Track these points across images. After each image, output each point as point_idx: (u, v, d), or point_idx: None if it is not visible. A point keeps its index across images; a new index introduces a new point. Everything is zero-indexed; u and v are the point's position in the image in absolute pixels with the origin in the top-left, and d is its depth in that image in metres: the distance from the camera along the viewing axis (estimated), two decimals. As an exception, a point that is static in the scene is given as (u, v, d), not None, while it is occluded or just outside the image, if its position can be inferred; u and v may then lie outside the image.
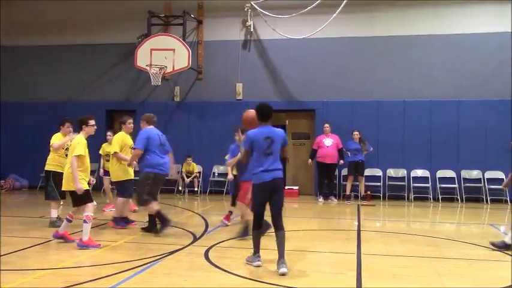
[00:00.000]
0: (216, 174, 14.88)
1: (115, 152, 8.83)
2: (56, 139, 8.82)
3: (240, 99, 14.93)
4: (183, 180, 14.52)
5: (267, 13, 14.18)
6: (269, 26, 14.29)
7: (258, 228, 6.07)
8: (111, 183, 9.82)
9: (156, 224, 8.24)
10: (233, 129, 8.39)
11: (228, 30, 15.11)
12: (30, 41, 16.07)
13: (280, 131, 6.16)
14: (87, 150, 7.26)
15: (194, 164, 14.72)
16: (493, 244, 7.42)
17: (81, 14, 15.81)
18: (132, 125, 9.19)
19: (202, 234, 8.30)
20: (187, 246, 7.35)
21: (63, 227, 7.40)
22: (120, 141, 8.91)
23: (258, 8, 14.30)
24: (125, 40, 15.11)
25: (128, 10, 15.35)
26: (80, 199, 7.17)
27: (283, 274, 5.69)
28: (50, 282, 5.42)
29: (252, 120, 6.41)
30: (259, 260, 6.07)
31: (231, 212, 9.23)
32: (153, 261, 6.37)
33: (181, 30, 14.49)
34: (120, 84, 15.50)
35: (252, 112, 6.50)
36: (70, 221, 7.33)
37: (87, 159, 7.31)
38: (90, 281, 5.42)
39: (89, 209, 7.17)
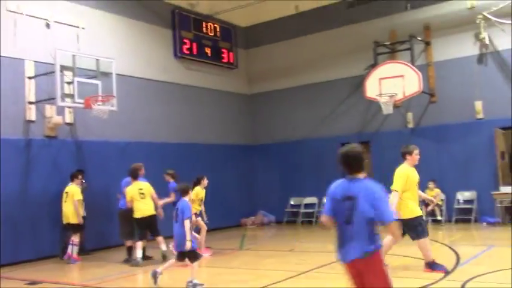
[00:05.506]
0: (461, 201, 13.87)
1: None
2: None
3: (481, 118, 13.77)
4: (426, 207, 13.63)
5: (504, 21, 12.95)
6: (508, 35, 13.02)
7: None
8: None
9: None
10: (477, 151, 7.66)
11: (460, 47, 14.17)
12: (266, 87, 17.54)
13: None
14: None
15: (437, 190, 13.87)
16: None
17: (309, 55, 16.67)
18: (418, 156, 8.02)
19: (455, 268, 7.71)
20: (439, 280, 6.90)
21: None
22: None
23: (492, 17, 13.15)
24: (353, 73, 15.44)
25: (352, 44, 15.69)
26: None
27: None
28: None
29: None
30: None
31: None
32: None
33: (408, 55, 14.10)
34: (352, 117, 15.72)
35: None
36: None
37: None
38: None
39: None
